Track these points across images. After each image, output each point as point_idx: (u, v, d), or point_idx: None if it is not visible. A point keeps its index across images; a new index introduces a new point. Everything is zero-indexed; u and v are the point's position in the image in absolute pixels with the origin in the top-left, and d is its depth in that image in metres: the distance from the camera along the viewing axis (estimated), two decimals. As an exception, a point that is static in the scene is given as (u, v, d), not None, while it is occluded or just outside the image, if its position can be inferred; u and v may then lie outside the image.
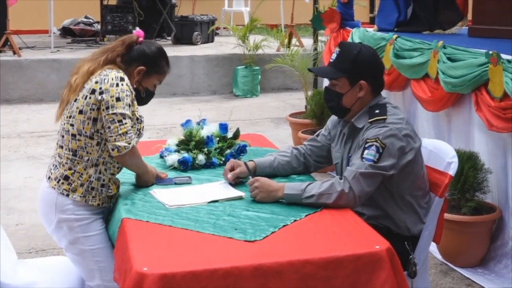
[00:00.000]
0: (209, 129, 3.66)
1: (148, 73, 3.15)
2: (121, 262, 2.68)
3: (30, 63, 9.58)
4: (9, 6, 9.90)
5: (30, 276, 3.41)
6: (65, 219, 3.07)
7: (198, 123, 3.72)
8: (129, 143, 2.95)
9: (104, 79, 3.00)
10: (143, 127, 3.16)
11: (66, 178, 3.06)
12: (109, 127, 2.96)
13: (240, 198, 3.07)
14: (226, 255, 2.50)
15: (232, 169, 3.25)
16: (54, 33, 11.20)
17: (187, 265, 2.41)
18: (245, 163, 3.27)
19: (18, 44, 10.15)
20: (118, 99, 2.95)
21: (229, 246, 2.58)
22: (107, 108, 2.96)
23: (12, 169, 6.54)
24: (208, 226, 2.75)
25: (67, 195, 3.05)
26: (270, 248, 2.56)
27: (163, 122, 8.39)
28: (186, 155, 3.52)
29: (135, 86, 3.13)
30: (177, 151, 3.59)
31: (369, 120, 3.07)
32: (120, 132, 2.95)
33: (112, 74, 3.01)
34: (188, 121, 3.71)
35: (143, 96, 3.19)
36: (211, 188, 3.20)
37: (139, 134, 3.12)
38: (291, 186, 3.00)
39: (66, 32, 12.09)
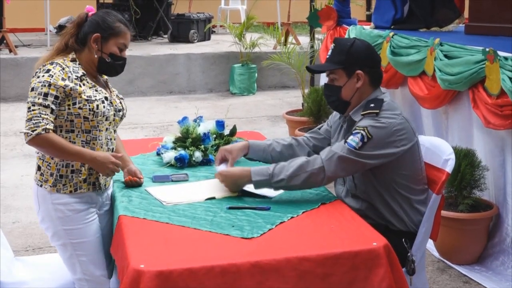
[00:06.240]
0: (206, 126, 3.66)
1: (104, 38, 3.10)
2: (119, 260, 2.68)
3: (27, 61, 9.54)
4: (7, 3, 9.89)
5: (26, 273, 3.41)
6: (46, 209, 3.08)
7: (195, 120, 3.72)
8: (33, 130, 2.89)
9: (35, 72, 3.05)
10: (97, 105, 3.04)
11: (39, 168, 3.12)
12: None
13: (237, 195, 3.06)
14: (223, 252, 2.50)
15: (223, 159, 3.27)
16: (50, 31, 11.17)
17: (184, 262, 2.40)
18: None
19: (14, 42, 10.14)
20: (32, 89, 2.98)
21: (226, 243, 2.57)
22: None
23: (9, 167, 6.52)
24: (205, 223, 2.74)
25: (41, 186, 3.08)
26: (267, 245, 2.56)
27: (159, 120, 8.39)
28: (183, 152, 3.51)
29: (96, 55, 3.10)
30: (174, 148, 3.59)
31: (362, 113, 3.09)
32: (26, 118, 2.94)
33: (44, 68, 3.04)
34: (185, 118, 3.71)
35: (108, 62, 3.11)
36: (208, 185, 3.19)
37: (93, 113, 3.03)
38: (258, 172, 3.02)
39: (62, 30, 11.99)
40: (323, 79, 7.24)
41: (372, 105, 3.09)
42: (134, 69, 9.68)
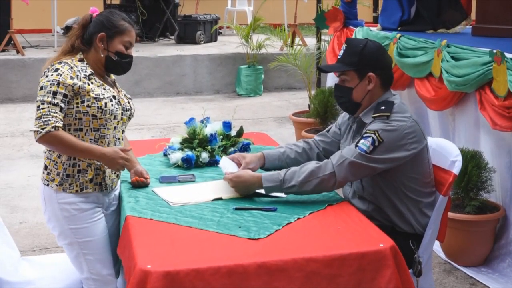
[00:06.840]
0: (213, 127, 3.67)
1: (109, 37, 3.13)
2: (126, 260, 2.68)
3: (34, 62, 9.58)
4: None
5: (32, 273, 3.43)
6: (52, 209, 3.10)
7: (202, 121, 3.73)
8: (43, 128, 2.93)
9: (44, 72, 3.09)
10: (105, 103, 3.07)
11: (45, 167, 3.14)
12: None
13: (243, 196, 3.07)
14: (230, 253, 2.50)
15: (233, 160, 3.30)
16: (57, 32, 11.20)
17: (191, 262, 2.41)
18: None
19: (22, 43, 10.17)
20: (41, 88, 3.02)
21: (233, 244, 2.58)
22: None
23: (16, 168, 6.54)
24: (212, 223, 2.75)
25: (47, 185, 3.10)
26: (274, 246, 2.56)
27: (166, 121, 8.40)
28: (189, 153, 3.52)
29: (102, 55, 3.13)
30: (181, 149, 3.59)
31: (373, 115, 3.08)
32: (36, 117, 2.97)
33: (52, 67, 3.07)
34: (191, 119, 3.72)
35: (115, 60, 3.14)
36: (215, 186, 3.20)
37: (102, 111, 3.06)
38: (268, 178, 3.03)
39: (69, 31, 12.01)
40: (329, 80, 7.23)
41: (382, 107, 3.08)
42: (141, 70, 9.70)
